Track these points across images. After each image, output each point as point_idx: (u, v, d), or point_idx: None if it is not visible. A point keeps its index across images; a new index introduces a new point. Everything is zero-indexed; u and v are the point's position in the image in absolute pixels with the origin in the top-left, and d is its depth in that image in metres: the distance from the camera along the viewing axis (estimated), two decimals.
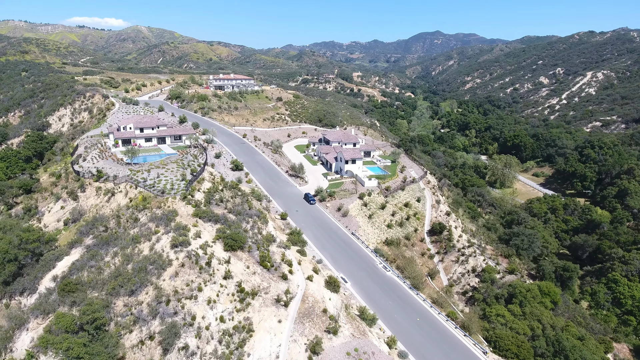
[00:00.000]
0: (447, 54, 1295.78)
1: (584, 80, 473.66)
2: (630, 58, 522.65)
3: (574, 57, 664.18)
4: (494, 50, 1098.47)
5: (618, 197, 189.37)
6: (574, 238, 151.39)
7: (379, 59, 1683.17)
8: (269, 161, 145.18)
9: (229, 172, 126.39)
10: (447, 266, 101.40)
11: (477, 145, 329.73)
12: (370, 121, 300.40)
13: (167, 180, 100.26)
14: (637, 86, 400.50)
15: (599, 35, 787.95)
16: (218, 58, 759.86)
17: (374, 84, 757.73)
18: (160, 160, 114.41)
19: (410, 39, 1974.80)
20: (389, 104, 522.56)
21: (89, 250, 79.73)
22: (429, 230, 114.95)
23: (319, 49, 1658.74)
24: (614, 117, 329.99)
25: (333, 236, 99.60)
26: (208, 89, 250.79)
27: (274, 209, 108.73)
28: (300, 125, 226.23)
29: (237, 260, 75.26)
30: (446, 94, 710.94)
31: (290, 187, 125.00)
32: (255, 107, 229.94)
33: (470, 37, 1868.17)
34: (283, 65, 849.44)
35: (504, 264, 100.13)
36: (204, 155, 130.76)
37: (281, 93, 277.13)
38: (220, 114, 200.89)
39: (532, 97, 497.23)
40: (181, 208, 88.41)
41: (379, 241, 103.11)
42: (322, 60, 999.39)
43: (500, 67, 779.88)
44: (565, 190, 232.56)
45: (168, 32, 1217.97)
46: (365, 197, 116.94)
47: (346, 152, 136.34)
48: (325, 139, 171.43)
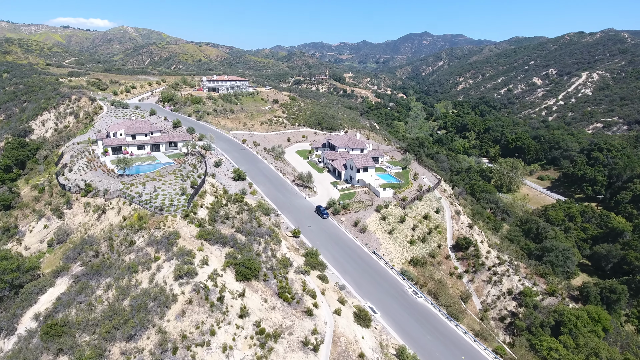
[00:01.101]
0: (436, 55, 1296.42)
1: (579, 81, 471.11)
2: (623, 58, 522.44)
3: (566, 58, 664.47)
4: (484, 51, 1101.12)
5: (633, 203, 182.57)
6: (596, 248, 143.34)
7: (368, 60, 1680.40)
8: (272, 169, 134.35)
9: (231, 182, 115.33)
10: (479, 287, 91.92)
11: (477, 148, 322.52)
12: (369, 123, 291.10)
13: (166, 195, 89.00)
14: (634, 87, 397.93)
15: (588, 36, 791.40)
16: (207, 59, 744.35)
17: (366, 85, 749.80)
18: (156, 171, 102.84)
19: (399, 40, 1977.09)
20: (383, 105, 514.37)
21: (77, 280, 68.23)
22: (452, 246, 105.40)
23: (308, 49, 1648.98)
24: (615, 118, 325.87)
25: (353, 256, 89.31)
26: (201, 90, 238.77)
27: (284, 225, 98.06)
28: (299, 128, 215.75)
29: (253, 293, 64.53)
30: (439, 95, 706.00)
31: (299, 199, 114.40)
32: (252, 109, 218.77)
33: (458, 38, 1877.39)
34: (273, 66, 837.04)
35: (542, 285, 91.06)
36: (203, 164, 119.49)
37: (277, 95, 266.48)
38: (216, 117, 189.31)
39: (528, 98, 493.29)
40: (183, 228, 77.32)
41: (403, 261, 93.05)
42: (312, 61, 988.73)
43: (492, 68, 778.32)
44: (574, 194, 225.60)
45: (155, 33, 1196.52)
46: (382, 209, 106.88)
47: (357, 159, 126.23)
48: (330, 144, 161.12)
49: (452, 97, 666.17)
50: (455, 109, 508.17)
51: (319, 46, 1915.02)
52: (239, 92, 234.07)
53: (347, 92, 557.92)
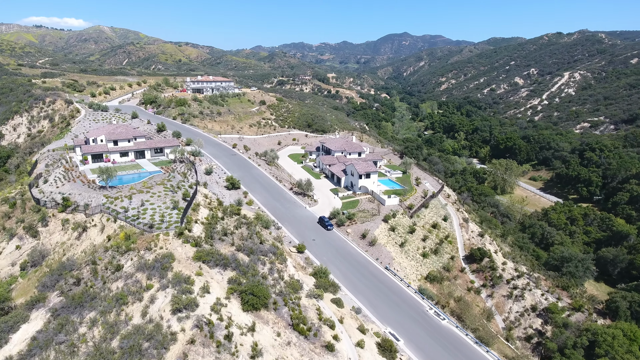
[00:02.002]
0: (417, 55, 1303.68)
1: (562, 81, 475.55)
2: (603, 59, 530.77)
3: (546, 58, 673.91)
4: (463, 52, 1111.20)
5: (630, 204, 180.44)
6: (601, 252, 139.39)
7: (349, 60, 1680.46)
8: (267, 176, 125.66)
9: (224, 191, 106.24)
10: (499, 303, 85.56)
11: (467, 149, 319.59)
12: (359, 125, 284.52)
13: (155, 210, 79.62)
14: (616, 86, 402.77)
15: (566, 37, 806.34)
16: (187, 59, 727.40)
17: (349, 85, 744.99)
18: (143, 182, 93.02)
19: (379, 40, 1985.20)
20: (369, 105, 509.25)
21: (55, 315, 58.67)
22: (465, 257, 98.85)
23: (289, 49, 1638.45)
24: (602, 118, 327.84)
25: (364, 273, 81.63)
26: (185, 91, 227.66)
27: (286, 239, 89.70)
28: (289, 131, 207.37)
29: (263, 325, 56.11)
30: (422, 95, 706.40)
31: (299, 209, 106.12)
32: (239, 111, 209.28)
33: (437, 38, 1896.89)
34: (255, 66, 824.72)
35: (565, 298, 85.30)
36: (193, 172, 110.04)
37: (264, 96, 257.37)
38: (203, 120, 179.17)
39: (512, 97, 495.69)
40: (178, 249, 68.27)
41: (419, 277, 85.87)
42: (294, 62, 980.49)
43: (473, 68, 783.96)
44: (568, 195, 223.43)
45: (132, 33, 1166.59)
46: (390, 219, 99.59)
47: (358, 164, 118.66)
48: (325, 148, 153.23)
49: (435, 97, 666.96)
50: (441, 109, 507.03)
51: (299, 46, 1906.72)
52: (225, 93, 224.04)
53: (332, 92, 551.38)
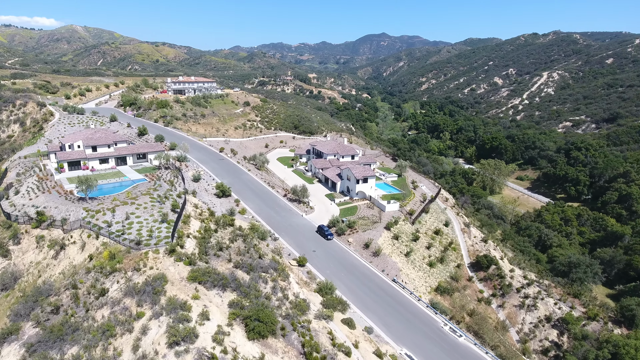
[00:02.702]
0: (396, 56, 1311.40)
1: (541, 80, 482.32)
2: (579, 59, 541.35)
3: (524, 58, 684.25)
4: (442, 52, 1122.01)
5: (619, 203, 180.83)
6: (597, 252, 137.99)
7: (328, 61, 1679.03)
8: (259, 182, 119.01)
9: (214, 200, 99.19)
10: (511, 314, 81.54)
11: (452, 149, 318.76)
12: (345, 126, 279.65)
13: (142, 224, 72.29)
14: (594, 86, 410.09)
15: (542, 37, 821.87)
16: (165, 59, 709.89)
17: (331, 85, 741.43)
18: (126, 192, 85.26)
19: (358, 41, 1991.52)
20: (351, 106, 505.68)
21: (31, 350, 51.24)
22: (471, 264, 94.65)
23: (268, 50, 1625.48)
24: (583, 117, 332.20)
25: (371, 286, 76.19)
26: (165, 93, 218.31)
27: (285, 251, 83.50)
28: (276, 133, 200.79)
29: (272, 356, 49.95)
30: (404, 95, 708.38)
31: (295, 217, 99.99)
32: (223, 113, 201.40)
33: (415, 39, 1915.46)
34: (235, 66, 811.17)
35: (579, 307, 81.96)
36: (180, 179, 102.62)
37: (247, 97, 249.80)
38: (186, 122, 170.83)
39: (493, 97, 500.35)
40: (170, 268, 61.39)
41: (428, 289, 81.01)
42: (273, 62, 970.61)
43: (453, 68, 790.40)
44: (555, 194, 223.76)
45: (107, 32, 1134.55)
46: (392, 226, 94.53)
47: (355, 169, 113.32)
48: (317, 151, 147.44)
49: (416, 97, 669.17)
50: (423, 109, 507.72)
51: (278, 47, 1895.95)
52: (208, 94, 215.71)
53: (314, 92, 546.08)
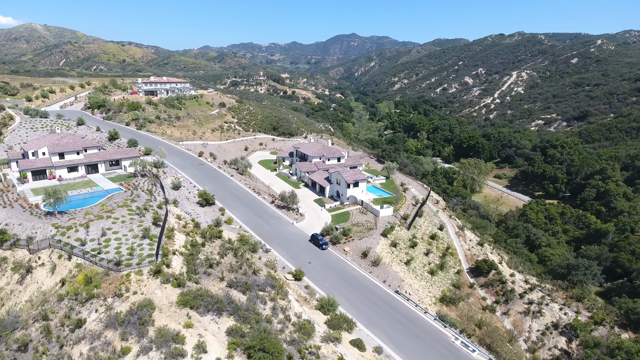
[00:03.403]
0: (367, 56, 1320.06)
1: (511, 80, 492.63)
2: (546, 59, 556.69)
3: (492, 58, 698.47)
4: (412, 52, 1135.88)
5: (598, 199, 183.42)
6: (583, 250, 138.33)
7: (299, 61, 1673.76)
8: (243, 188, 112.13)
9: (197, 209, 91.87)
10: (517, 322, 78.36)
11: (429, 148, 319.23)
12: (324, 126, 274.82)
13: (121, 241, 64.66)
14: (562, 85, 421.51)
15: (508, 38, 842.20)
16: (132, 59, 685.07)
17: (304, 85, 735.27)
18: (101, 204, 76.99)
19: (328, 41, 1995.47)
20: (326, 106, 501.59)
21: None
22: (470, 270, 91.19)
23: (238, 50, 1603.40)
24: (554, 115, 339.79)
25: (374, 300, 71.18)
26: (136, 94, 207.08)
27: (279, 263, 77.38)
28: (255, 135, 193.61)
29: None
30: (377, 95, 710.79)
31: (285, 225, 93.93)
32: (199, 115, 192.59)
33: (384, 39, 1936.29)
34: (205, 67, 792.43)
35: (584, 311, 79.74)
36: (158, 187, 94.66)
37: (222, 98, 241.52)
38: (160, 125, 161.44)
39: (465, 96, 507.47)
40: (156, 292, 54.45)
41: (433, 299, 76.71)
42: (245, 62, 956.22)
43: (424, 68, 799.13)
44: (533, 192, 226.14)
45: (69, 31, 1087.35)
46: (389, 233, 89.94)
47: (346, 172, 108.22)
48: (301, 154, 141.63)
49: (390, 96, 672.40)
50: (397, 109, 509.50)
51: (249, 47, 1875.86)
52: (182, 95, 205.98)
53: (288, 93, 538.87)
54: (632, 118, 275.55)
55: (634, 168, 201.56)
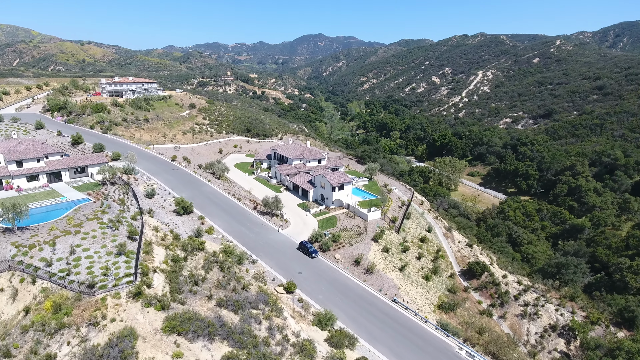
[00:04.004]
0: (334, 56, 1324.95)
1: (477, 79, 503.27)
2: (509, 59, 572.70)
3: (457, 58, 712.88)
4: (378, 53, 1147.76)
5: (569, 195, 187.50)
6: (561, 246, 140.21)
7: (267, 61, 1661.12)
8: (222, 194, 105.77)
9: (175, 219, 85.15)
10: (514, 325, 76.41)
11: (403, 147, 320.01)
12: (298, 127, 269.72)
13: (93, 259, 57.78)
14: (526, 84, 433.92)
15: (471, 38, 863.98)
16: (92, 59, 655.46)
17: (273, 85, 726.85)
18: (67, 218, 69.26)
19: (295, 41, 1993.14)
20: (297, 106, 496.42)
21: None
22: (462, 272, 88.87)
23: (204, 50, 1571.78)
24: (520, 113, 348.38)
25: (372, 310, 67.18)
26: (99, 95, 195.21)
27: (268, 275, 72.07)
28: (228, 137, 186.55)
29: None
30: (347, 95, 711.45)
31: (270, 233, 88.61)
32: (168, 117, 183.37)
33: (351, 40, 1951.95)
34: (170, 67, 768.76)
35: (579, 311, 78.75)
36: (131, 196, 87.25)
37: (192, 98, 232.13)
38: (128, 128, 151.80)
39: (434, 96, 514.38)
40: (138, 318, 48.30)
41: (431, 307, 73.44)
42: (211, 62, 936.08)
43: (392, 68, 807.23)
44: (506, 189, 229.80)
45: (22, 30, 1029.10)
46: (380, 238, 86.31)
47: (330, 175, 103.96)
48: (279, 156, 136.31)
49: (359, 96, 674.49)
50: (368, 108, 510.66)
51: (214, 46, 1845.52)
52: (149, 96, 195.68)
53: (257, 93, 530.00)
54: (594, 115, 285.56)
55: (601, 164, 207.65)
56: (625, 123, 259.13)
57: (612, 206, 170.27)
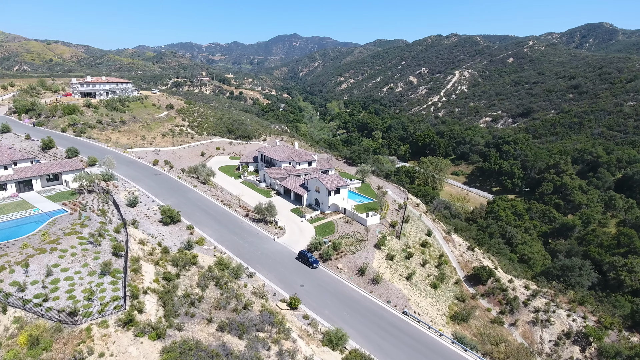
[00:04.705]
0: (310, 56, 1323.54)
1: (455, 79, 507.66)
2: (484, 59, 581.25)
3: (433, 58, 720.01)
4: (354, 53, 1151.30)
5: (555, 193, 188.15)
6: (553, 245, 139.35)
7: (242, 61, 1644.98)
8: (210, 200, 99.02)
9: (161, 229, 78.20)
10: (526, 333, 73.07)
11: (385, 147, 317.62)
12: (280, 128, 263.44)
13: (74, 281, 50.82)
14: (503, 83, 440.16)
15: (446, 39, 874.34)
16: (60, 59, 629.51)
17: (250, 86, 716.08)
18: (42, 233, 61.58)
19: (270, 41, 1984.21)
20: (276, 106, 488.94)
21: None
22: (466, 278, 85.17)
23: (177, 49, 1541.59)
24: (500, 112, 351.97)
25: (384, 325, 62.31)
26: (70, 96, 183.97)
27: (269, 289, 66.25)
28: (210, 139, 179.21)
29: None
30: (325, 95, 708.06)
31: (266, 242, 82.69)
32: (146, 118, 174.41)
33: (325, 40, 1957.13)
34: (143, 67, 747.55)
35: (590, 316, 76.02)
36: (112, 205, 79.74)
37: (169, 99, 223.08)
38: (103, 131, 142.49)
39: (413, 95, 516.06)
40: (130, 350, 41.92)
41: (443, 318, 69.10)
42: (185, 62, 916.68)
43: (369, 68, 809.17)
44: (491, 187, 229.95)
45: None
46: (383, 245, 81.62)
47: (326, 178, 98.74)
48: (267, 158, 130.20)
49: (337, 96, 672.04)
50: (347, 108, 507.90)
51: (188, 46, 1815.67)
52: (124, 97, 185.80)
53: (235, 93, 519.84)
54: (572, 114, 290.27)
55: (583, 161, 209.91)
56: (603, 121, 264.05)
57: (597, 203, 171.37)
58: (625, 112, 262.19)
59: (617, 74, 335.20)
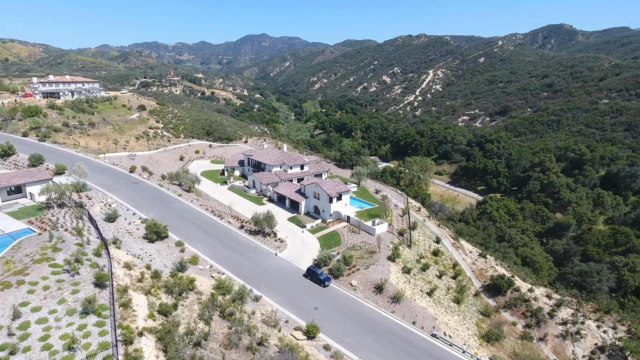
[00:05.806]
0: (281, 56, 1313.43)
1: (429, 78, 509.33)
2: (456, 58, 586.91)
3: (405, 58, 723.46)
4: (325, 53, 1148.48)
5: (542, 192, 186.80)
6: (550, 245, 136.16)
7: (210, 61, 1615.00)
8: (199, 211, 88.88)
9: (147, 247, 67.89)
10: (557, 347, 67.32)
11: (366, 147, 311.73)
12: (259, 129, 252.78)
13: (48, 324, 40.55)
14: (477, 82, 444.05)
15: (416, 39, 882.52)
16: (17, 58, 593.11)
17: (222, 86, 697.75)
18: (5, 261, 50.54)
19: (239, 41, 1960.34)
20: (249, 107, 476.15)
21: None
22: (483, 288, 78.90)
23: (142, 49, 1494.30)
24: (477, 111, 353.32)
25: (413, 352, 54.75)
26: (31, 96, 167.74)
27: (280, 316, 57.39)
28: (188, 141, 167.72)
29: None
30: (298, 95, 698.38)
31: (268, 258, 73.66)
32: (117, 120, 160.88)
33: (295, 40, 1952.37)
34: (107, 66, 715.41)
35: (620, 326, 71.30)
36: (87, 221, 68.73)
37: (140, 100, 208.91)
38: (71, 135, 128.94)
39: (388, 95, 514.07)
40: None
41: (475, 339, 62.11)
42: (152, 62, 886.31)
43: (342, 68, 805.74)
44: (475, 187, 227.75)
45: None
46: (397, 257, 74.16)
47: (326, 184, 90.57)
48: (255, 162, 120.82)
49: (311, 96, 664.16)
50: (323, 108, 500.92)
51: (153, 46, 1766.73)
52: (92, 97, 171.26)
53: (207, 94, 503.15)
54: (549, 112, 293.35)
55: (566, 159, 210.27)
56: (580, 119, 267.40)
57: (586, 201, 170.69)
58: (602, 110, 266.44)
59: (588, 72, 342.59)
